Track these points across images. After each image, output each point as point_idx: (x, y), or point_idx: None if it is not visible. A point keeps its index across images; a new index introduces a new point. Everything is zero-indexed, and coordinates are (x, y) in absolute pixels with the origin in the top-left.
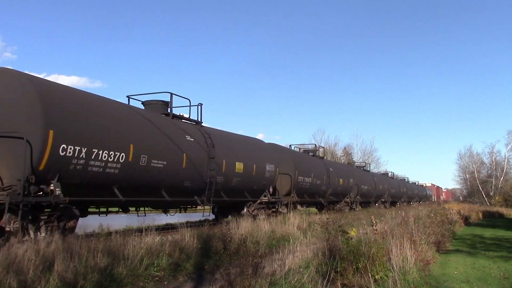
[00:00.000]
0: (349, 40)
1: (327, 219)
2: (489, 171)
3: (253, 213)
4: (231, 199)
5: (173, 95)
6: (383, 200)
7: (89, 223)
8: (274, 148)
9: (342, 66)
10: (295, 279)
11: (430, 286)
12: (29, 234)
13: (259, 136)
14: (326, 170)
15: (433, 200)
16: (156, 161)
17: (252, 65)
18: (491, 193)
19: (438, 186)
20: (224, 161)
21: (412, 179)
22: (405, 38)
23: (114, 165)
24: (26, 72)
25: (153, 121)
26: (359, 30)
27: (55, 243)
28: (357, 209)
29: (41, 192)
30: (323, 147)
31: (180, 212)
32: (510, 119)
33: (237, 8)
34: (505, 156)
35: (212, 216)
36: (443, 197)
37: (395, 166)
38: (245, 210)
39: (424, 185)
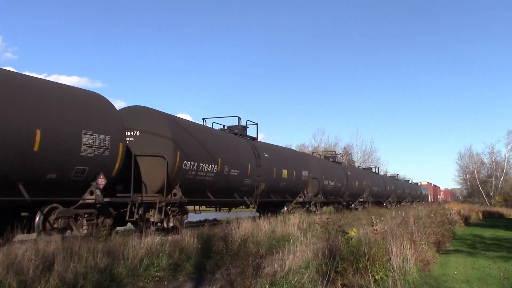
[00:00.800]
0: (349, 40)
1: (327, 219)
2: (489, 171)
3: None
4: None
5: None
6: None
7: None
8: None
9: (342, 66)
10: (295, 279)
11: (430, 286)
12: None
13: (260, 137)
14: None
15: (429, 200)
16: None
17: (252, 65)
18: (491, 193)
19: (435, 185)
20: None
21: (413, 179)
22: (405, 38)
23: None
24: (27, 72)
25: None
26: (359, 30)
27: (55, 243)
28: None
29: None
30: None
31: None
32: (510, 119)
33: (237, 8)
34: (505, 156)
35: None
36: (441, 196)
37: (395, 166)
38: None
39: (420, 183)
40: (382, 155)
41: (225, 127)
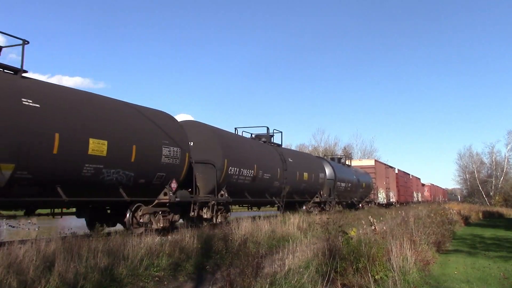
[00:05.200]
0: (349, 40)
1: (327, 219)
2: (489, 171)
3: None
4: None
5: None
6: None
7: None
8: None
9: (342, 66)
10: (295, 279)
11: (430, 286)
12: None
13: None
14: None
15: (378, 197)
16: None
17: (252, 65)
18: (491, 193)
19: (416, 177)
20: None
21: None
22: (405, 38)
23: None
24: (30, 73)
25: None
26: (359, 30)
27: (55, 243)
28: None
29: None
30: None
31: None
32: (510, 119)
33: (237, 8)
34: (505, 156)
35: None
36: (423, 194)
37: (395, 166)
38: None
39: (360, 168)
40: (382, 155)
41: (252, 135)
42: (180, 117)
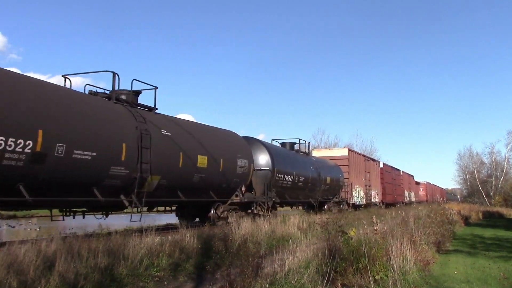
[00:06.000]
0: (349, 40)
1: (327, 219)
2: (489, 171)
3: (329, 209)
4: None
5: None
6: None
7: (91, 223)
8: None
9: (342, 66)
10: (295, 279)
11: (430, 286)
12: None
13: (260, 137)
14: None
15: (353, 196)
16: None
17: (252, 65)
18: (491, 193)
19: (409, 174)
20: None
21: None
22: (405, 38)
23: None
24: (31, 73)
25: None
26: (359, 30)
27: (55, 243)
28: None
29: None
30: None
31: None
32: (510, 119)
33: (237, 8)
34: (505, 156)
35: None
36: (417, 193)
37: (395, 166)
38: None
39: (330, 159)
40: (382, 155)
41: (280, 144)
42: (180, 117)
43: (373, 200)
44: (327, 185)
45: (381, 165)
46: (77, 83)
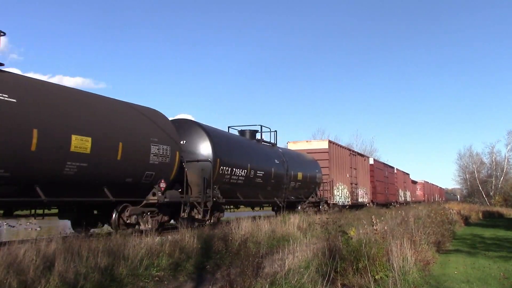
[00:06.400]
0: (349, 40)
1: (327, 219)
2: (489, 171)
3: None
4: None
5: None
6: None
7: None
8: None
9: (342, 66)
10: (295, 279)
11: (430, 286)
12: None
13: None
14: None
15: (334, 195)
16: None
17: (252, 65)
18: (491, 193)
19: (404, 172)
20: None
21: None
22: (405, 38)
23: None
24: (31, 73)
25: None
26: (359, 30)
27: (55, 243)
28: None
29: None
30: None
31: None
32: (510, 119)
33: (237, 8)
34: (505, 156)
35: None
36: (414, 193)
37: (395, 166)
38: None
39: (308, 152)
40: (382, 155)
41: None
42: (180, 117)
43: (360, 199)
44: (298, 182)
45: (371, 161)
46: (77, 83)
